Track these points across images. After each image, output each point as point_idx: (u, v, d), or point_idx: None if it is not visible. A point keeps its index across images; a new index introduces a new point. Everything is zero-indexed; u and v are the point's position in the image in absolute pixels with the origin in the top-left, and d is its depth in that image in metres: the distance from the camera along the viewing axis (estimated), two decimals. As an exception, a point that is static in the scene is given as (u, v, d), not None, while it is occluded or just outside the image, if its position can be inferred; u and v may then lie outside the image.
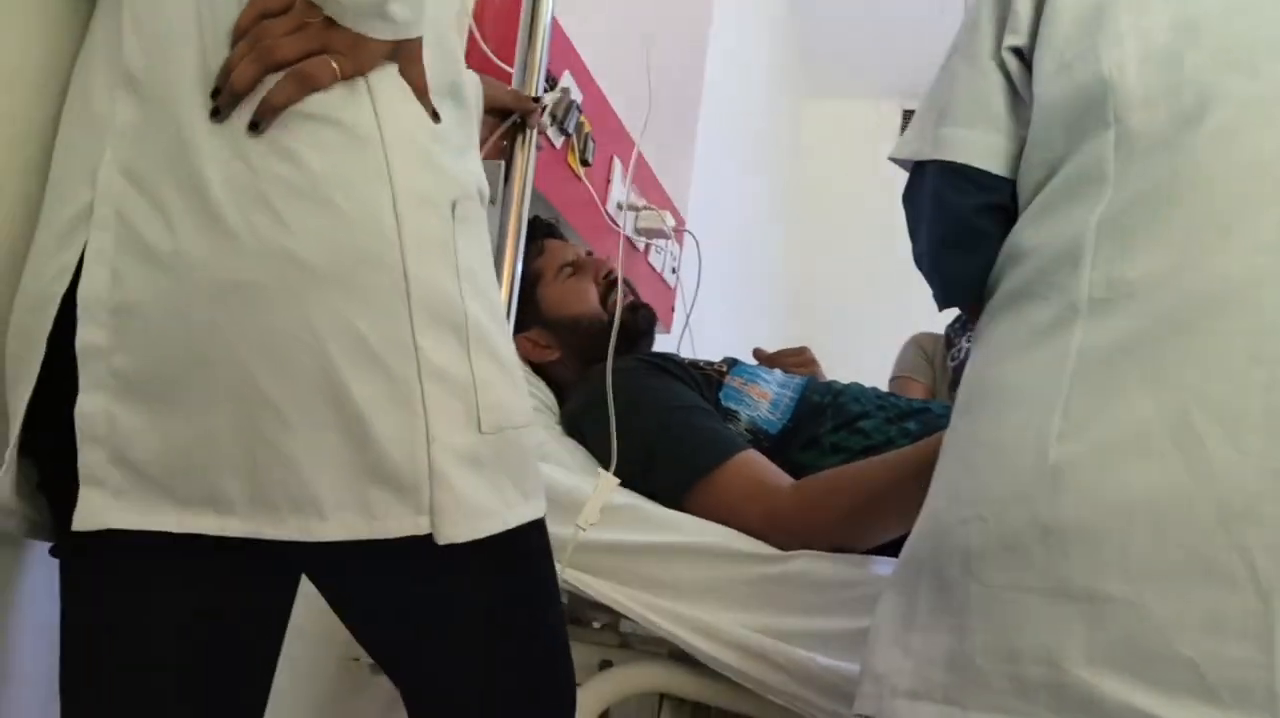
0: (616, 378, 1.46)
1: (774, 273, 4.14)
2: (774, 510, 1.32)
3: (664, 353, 1.68)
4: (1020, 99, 1.02)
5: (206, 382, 0.76)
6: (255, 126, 0.77)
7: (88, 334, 0.78)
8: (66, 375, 0.79)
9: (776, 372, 1.66)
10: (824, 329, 4.01)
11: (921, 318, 1.91)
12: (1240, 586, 0.79)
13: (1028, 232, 0.98)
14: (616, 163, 2.05)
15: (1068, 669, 0.81)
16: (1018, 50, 1.02)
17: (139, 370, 0.77)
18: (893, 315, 2.43)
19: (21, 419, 0.82)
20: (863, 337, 3.65)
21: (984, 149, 1.03)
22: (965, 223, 1.04)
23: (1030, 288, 0.95)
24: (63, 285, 0.80)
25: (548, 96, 1.46)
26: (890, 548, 1.28)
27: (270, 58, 0.78)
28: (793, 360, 1.81)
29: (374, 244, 0.79)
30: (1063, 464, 0.85)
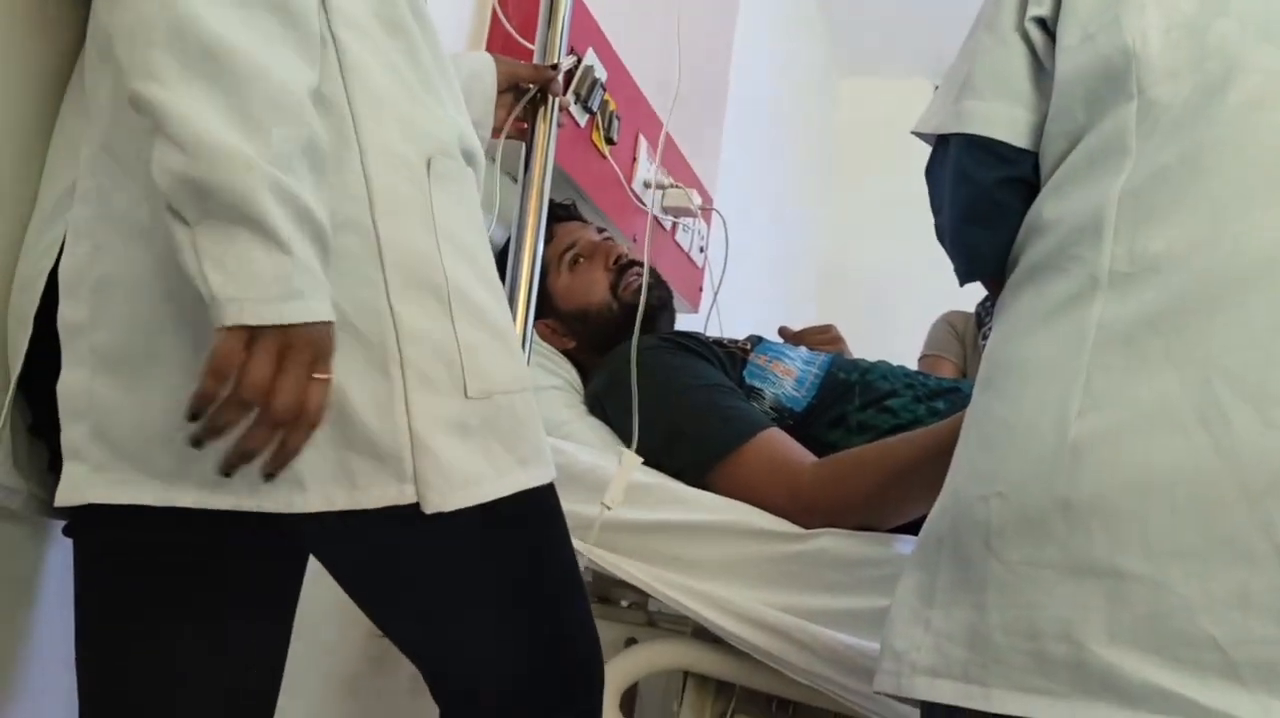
0: (639, 357, 1.46)
1: (805, 251, 4.12)
2: (797, 489, 1.32)
3: (688, 331, 1.68)
4: (1044, 71, 1.01)
5: (181, 351, 0.75)
6: (271, 476, 0.71)
7: (69, 310, 0.78)
8: (46, 348, 0.79)
9: (802, 349, 1.65)
10: (855, 308, 3.97)
11: (953, 296, 1.90)
12: (1265, 562, 0.78)
13: (1049, 204, 0.97)
14: (643, 141, 2.04)
15: (1088, 647, 0.81)
16: (1041, 21, 1.01)
17: (118, 344, 0.77)
18: (925, 294, 2.40)
19: (11, 396, 0.82)
20: (895, 315, 3.62)
21: (1006, 122, 1.02)
22: (987, 196, 1.03)
23: (1051, 261, 0.94)
24: (49, 262, 0.80)
25: (565, 60, 1.44)
26: (914, 527, 1.27)
27: (273, 417, 0.70)
28: (818, 338, 1.79)
29: (342, 206, 0.76)
30: (1083, 440, 0.84)
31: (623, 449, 1.35)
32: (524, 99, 1.39)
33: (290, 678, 0.94)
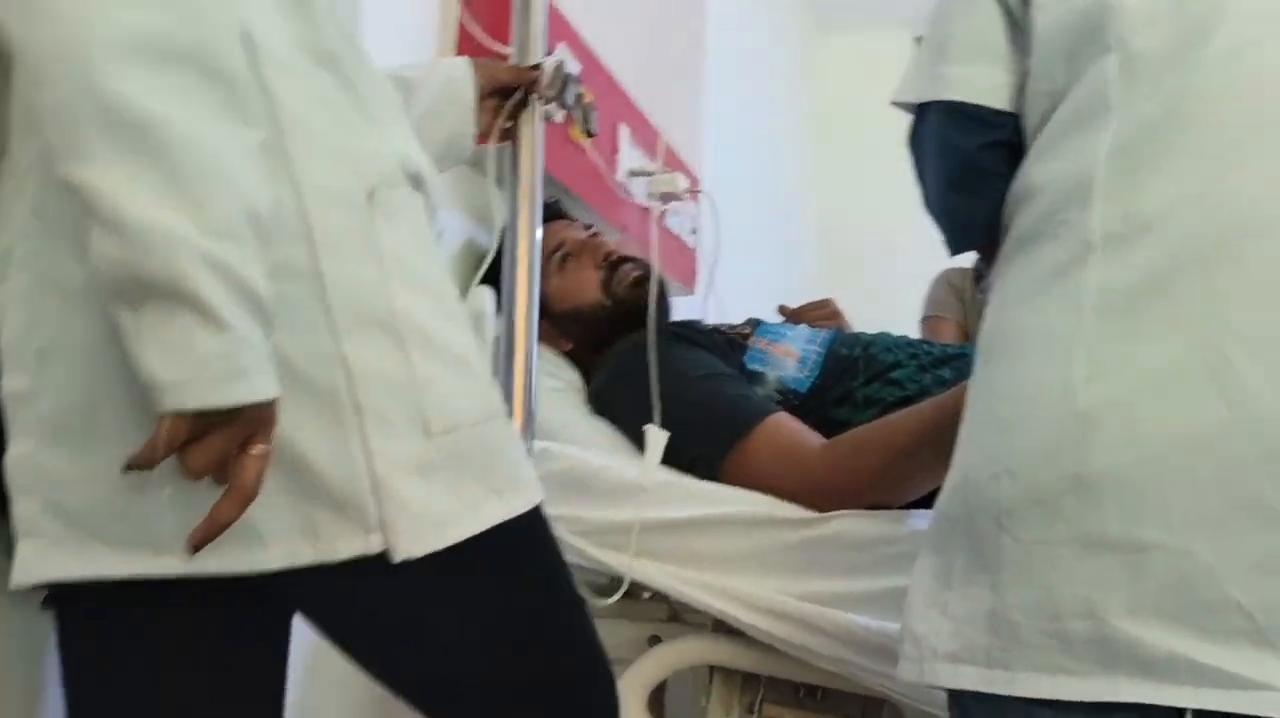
0: (638, 353, 1.44)
1: (799, 218, 4.09)
2: (808, 472, 1.31)
3: (685, 320, 1.66)
4: (1020, 30, 0.99)
5: (125, 416, 0.72)
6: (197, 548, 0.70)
7: (11, 381, 0.76)
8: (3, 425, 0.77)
9: (802, 328, 1.63)
10: (855, 269, 3.96)
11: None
12: None
13: (1035, 168, 0.95)
14: (623, 130, 2.02)
15: (1110, 622, 0.79)
16: None
17: (62, 412, 0.74)
18: (922, 249, 2.38)
19: None
20: (895, 272, 3.59)
21: (985, 85, 1.00)
22: (971, 163, 1.01)
23: (1041, 227, 0.92)
24: None
25: (547, 61, 1.41)
26: (927, 501, 1.26)
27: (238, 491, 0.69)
28: (817, 314, 1.78)
29: (282, 250, 0.73)
30: (1091, 411, 0.82)
31: (648, 427, 1.31)
32: (509, 103, 1.35)
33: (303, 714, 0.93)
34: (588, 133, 1.80)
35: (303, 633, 0.89)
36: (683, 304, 2.20)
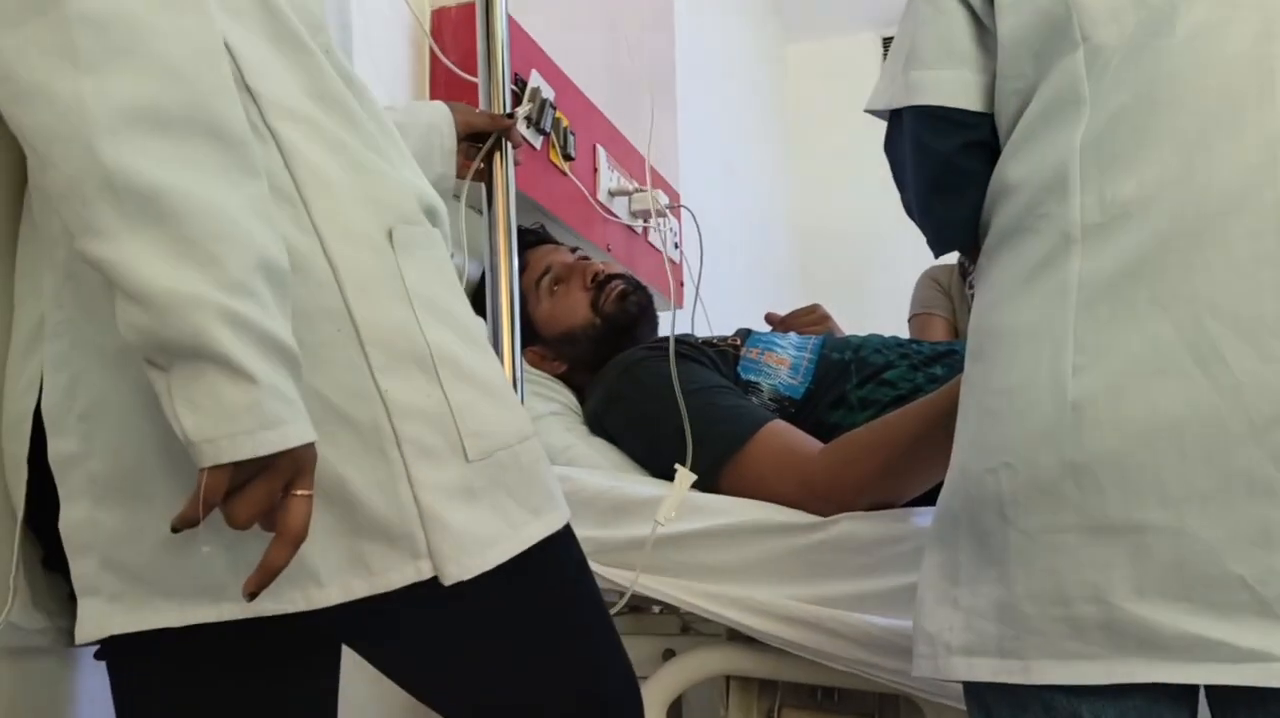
0: (630, 371, 1.46)
1: (781, 227, 4.11)
2: (808, 478, 1.32)
3: (677, 335, 1.67)
4: (986, 31, 1.01)
5: (175, 468, 0.75)
6: (254, 596, 0.72)
7: (58, 445, 0.77)
8: (44, 487, 0.78)
9: (792, 335, 1.64)
10: (840, 273, 3.98)
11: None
12: None
13: (1011, 165, 0.96)
14: (601, 150, 2.03)
15: (1118, 604, 0.81)
16: None
17: (112, 471, 0.76)
18: (903, 248, 2.40)
19: (18, 541, 0.81)
20: (880, 273, 3.62)
21: (956, 87, 1.01)
22: (949, 165, 1.02)
23: (1021, 222, 0.94)
24: (32, 400, 0.79)
25: (519, 110, 1.44)
26: (929, 499, 1.27)
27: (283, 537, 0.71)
28: (806, 320, 1.79)
29: (312, 296, 0.75)
30: (1083, 399, 0.84)
31: (678, 466, 1.33)
32: (484, 149, 1.39)
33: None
34: (566, 156, 1.83)
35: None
36: (670, 319, 2.21)
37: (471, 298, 1.36)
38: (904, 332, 2.41)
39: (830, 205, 4.19)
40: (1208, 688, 0.85)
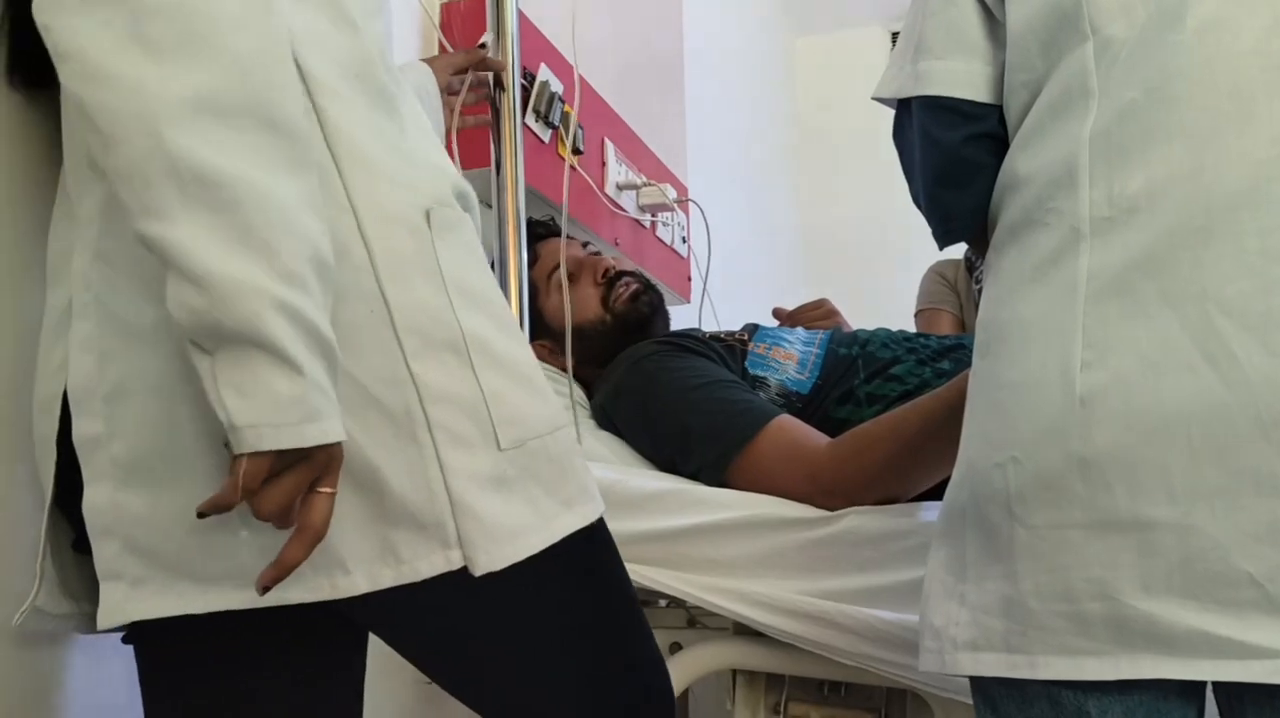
0: (639, 365, 1.46)
1: (788, 220, 4.11)
2: (815, 472, 1.32)
3: (683, 330, 1.67)
4: (996, 21, 1.00)
5: (205, 450, 0.74)
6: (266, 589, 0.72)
7: (83, 426, 0.77)
8: (72, 469, 0.78)
9: (799, 330, 1.64)
10: (848, 268, 3.97)
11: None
12: None
13: (1020, 158, 0.96)
14: (609, 145, 2.03)
15: (1124, 601, 0.80)
16: None
17: (137, 453, 0.76)
18: (916, 243, 2.40)
19: (46, 524, 0.81)
20: (888, 268, 3.61)
21: (965, 78, 1.00)
22: (956, 156, 1.02)
23: (1030, 216, 0.93)
24: (62, 380, 0.79)
25: (485, 38, 1.48)
26: (936, 493, 1.27)
27: (304, 531, 0.71)
28: (813, 315, 1.79)
29: (346, 276, 0.75)
30: (1091, 394, 0.83)
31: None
32: (464, 86, 1.43)
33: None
34: (575, 149, 1.83)
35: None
36: (678, 313, 2.21)
37: None
38: (911, 326, 2.40)
39: (838, 200, 4.18)
40: (1215, 684, 0.84)
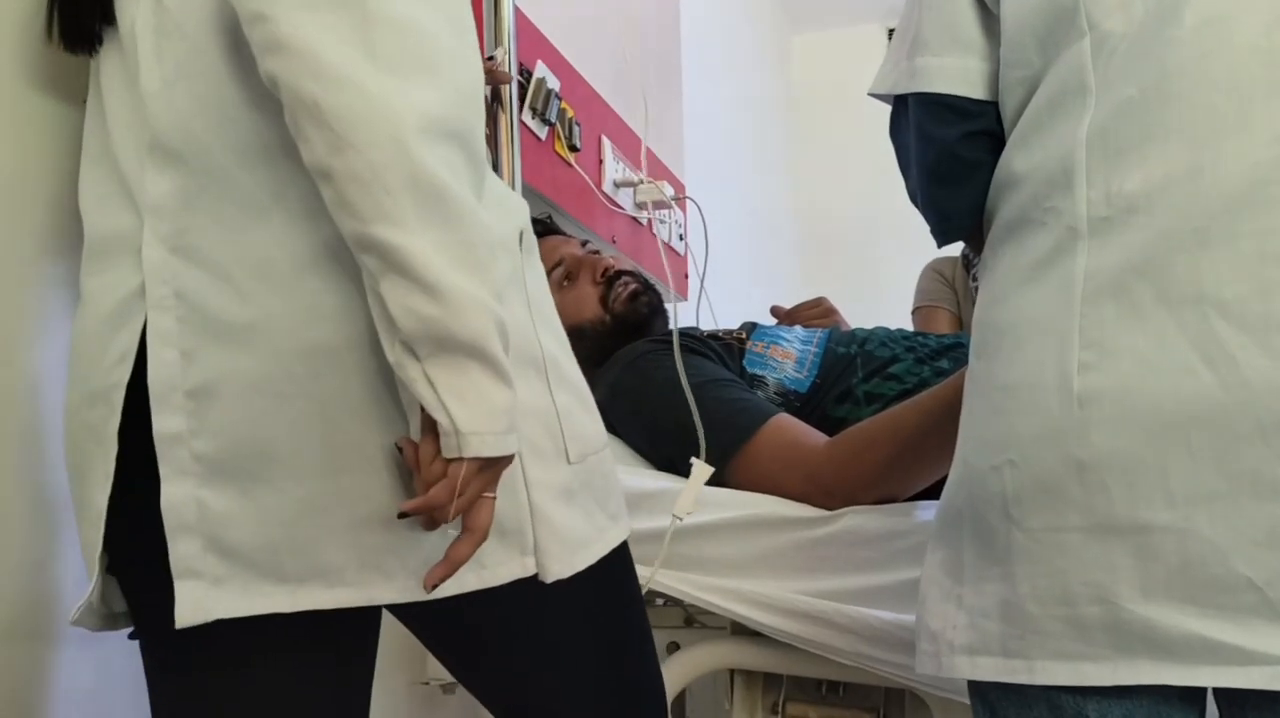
0: (635, 364, 1.45)
1: (786, 219, 4.10)
2: (813, 472, 1.32)
3: (682, 328, 1.66)
4: (992, 16, 0.99)
5: (299, 451, 0.75)
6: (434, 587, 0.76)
7: (165, 421, 0.76)
8: (130, 463, 0.78)
9: (797, 328, 1.64)
10: (846, 266, 3.97)
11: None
12: None
13: (1017, 156, 0.95)
14: (606, 142, 2.03)
15: (1122, 605, 0.80)
16: None
17: (225, 451, 0.76)
18: (914, 240, 2.40)
19: (104, 522, 0.80)
20: (886, 266, 3.60)
21: (960, 75, 0.99)
22: (952, 154, 1.01)
23: (1027, 215, 0.92)
24: (125, 373, 0.78)
25: (498, 51, 1.46)
26: (933, 492, 1.26)
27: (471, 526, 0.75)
28: (811, 313, 1.78)
29: None
30: (1089, 396, 0.83)
31: (693, 459, 1.32)
32: None
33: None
34: (571, 147, 1.82)
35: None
36: (679, 311, 2.20)
37: None
38: (909, 324, 2.40)
39: (836, 198, 4.18)
40: (1216, 689, 0.84)
